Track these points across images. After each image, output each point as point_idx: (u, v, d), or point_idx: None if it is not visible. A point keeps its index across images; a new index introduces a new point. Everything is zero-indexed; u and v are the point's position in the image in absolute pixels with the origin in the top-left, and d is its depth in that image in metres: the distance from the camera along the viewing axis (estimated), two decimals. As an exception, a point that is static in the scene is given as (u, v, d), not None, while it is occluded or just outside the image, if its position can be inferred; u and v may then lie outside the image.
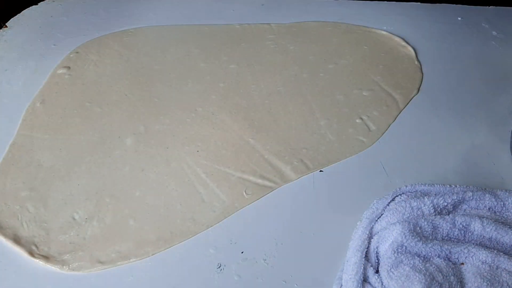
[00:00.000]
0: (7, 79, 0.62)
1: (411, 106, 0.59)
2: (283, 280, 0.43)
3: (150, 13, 0.72)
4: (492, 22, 0.70)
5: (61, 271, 0.44)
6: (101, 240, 0.46)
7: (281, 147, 0.54)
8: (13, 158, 0.53)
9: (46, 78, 0.61)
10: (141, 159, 0.53)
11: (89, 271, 0.44)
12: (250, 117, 0.57)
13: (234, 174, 0.52)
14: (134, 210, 0.49)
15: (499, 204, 0.45)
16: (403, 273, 0.40)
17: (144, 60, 0.65)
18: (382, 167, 0.52)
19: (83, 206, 0.49)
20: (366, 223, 0.44)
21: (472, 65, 0.64)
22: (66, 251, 0.45)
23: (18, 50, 0.66)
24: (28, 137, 0.55)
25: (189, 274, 0.44)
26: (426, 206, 0.44)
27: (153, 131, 0.55)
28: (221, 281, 0.43)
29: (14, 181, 0.51)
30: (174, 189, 0.50)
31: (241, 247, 0.46)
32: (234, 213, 0.48)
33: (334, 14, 0.72)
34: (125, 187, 0.50)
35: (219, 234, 0.47)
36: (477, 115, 0.58)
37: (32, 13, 0.71)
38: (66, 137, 0.55)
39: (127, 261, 0.45)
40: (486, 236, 0.43)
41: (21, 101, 0.59)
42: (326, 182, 0.51)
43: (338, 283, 0.42)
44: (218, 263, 0.45)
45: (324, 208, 0.49)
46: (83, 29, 0.69)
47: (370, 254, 0.43)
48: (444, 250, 0.42)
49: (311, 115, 0.58)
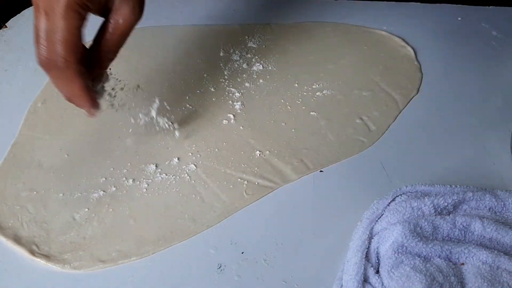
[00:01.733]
0: (7, 79, 0.62)
1: (411, 106, 0.59)
2: (283, 280, 0.43)
3: (149, 13, 0.71)
4: (492, 22, 0.70)
5: (62, 270, 0.44)
6: (102, 239, 0.46)
7: (281, 148, 0.54)
8: (14, 158, 0.53)
9: (47, 78, 0.61)
10: (141, 160, 0.53)
11: (91, 270, 0.44)
12: (250, 118, 0.57)
13: (234, 174, 0.52)
14: (134, 210, 0.49)
15: (499, 204, 0.45)
16: (404, 273, 0.40)
17: (144, 60, 0.65)
18: (382, 167, 0.52)
19: (83, 206, 0.49)
20: (366, 223, 0.44)
21: (472, 65, 0.64)
22: (67, 251, 0.45)
23: (18, 50, 0.65)
24: (30, 137, 0.55)
25: (189, 274, 0.44)
26: (426, 206, 0.44)
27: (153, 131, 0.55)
28: (221, 281, 0.43)
29: (15, 182, 0.51)
30: (174, 189, 0.50)
31: (242, 248, 0.46)
32: (235, 213, 0.49)
33: (334, 14, 0.72)
34: (127, 187, 0.50)
35: (219, 234, 0.47)
36: (477, 115, 0.58)
37: (32, 13, 0.71)
38: (67, 137, 0.55)
39: (127, 259, 0.45)
40: (487, 236, 0.43)
41: (22, 101, 0.59)
42: (326, 183, 0.51)
43: (339, 283, 0.42)
44: (218, 264, 0.45)
45: (324, 209, 0.49)
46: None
47: (370, 254, 0.43)
48: (444, 250, 0.42)
49: (311, 115, 0.58)
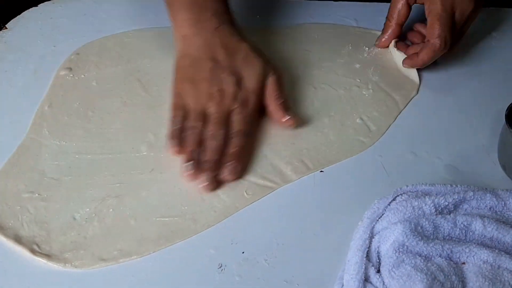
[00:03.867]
0: (7, 80, 0.62)
1: (411, 106, 0.59)
2: (284, 280, 0.43)
3: (151, 15, 0.72)
4: (491, 22, 0.70)
5: (64, 268, 0.44)
6: (103, 239, 0.46)
7: (281, 148, 0.54)
8: (18, 160, 0.53)
9: (50, 79, 0.61)
10: (148, 163, 0.53)
11: (92, 268, 0.44)
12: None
13: None
14: (135, 210, 0.49)
15: (500, 204, 0.45)
16: (405, 272, 0.40)
17: (145, 62, 0.65)
18: (383, 167, 0.52)
19: (84, 206, 0.49)
20: (367, 223, 0.44)
21: (472, 65, 0.64)
22: (68, 250, 0.45)
23: (18, 52, 0.65)
24: (36, 141, 0.55)
25: (190, 274, 0.44)
26: (427, 205, 0.44)
27: (161, 135, 0.55)
28: (222, 281, 0.43)
29: (16, 183, 0.51)
30: (177, 189, 0.50)
31: (242, 248, 0.46)
32: (235, 214, 0.49)
33: (334, 15, 0.72)
34: (130, 188, 0.51)
35: (220, 234, 0.47)
36: (477, 114, 0.58)
37: (32, 14, 0.71)
38: (71, 140, 0.55)
39: (128, 258, 0.45)
40: (488, 236, 0.43)
41: (22, 101, 0.59)
42: (327, 183, 0.51)
43: (339, 283, 0.42)
44: (219, 263, 0.45)
45: (325, 208, 0.49)
46: (83, 31, 0.69)
47: (371, 253, 0.43)
48: (445, 250, 0.42)
49: (311, 115, 0.58)
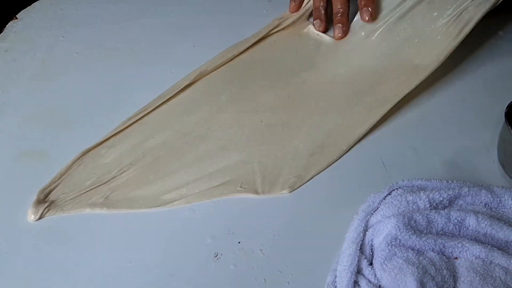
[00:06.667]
0: (16, 69, 0.63)
1: (410, 103, 0.59)
2: (278, 270, 0.44)
3: (159, 7, 0.73)
4: (498, 21, 0.69)
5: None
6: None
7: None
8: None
9: (54, 70, 0.63)
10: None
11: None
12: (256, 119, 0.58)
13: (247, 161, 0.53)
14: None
15: (495, 200, 0.45)
16: (396, 265, 0.40)
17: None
18: (382, 162, 0.53)
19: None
20: (362, 216, 0.45)
21: (473, 64, 0.64)
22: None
23: (27, 42, 0.67)
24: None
25: (186, 262, 0.45)
26: (421, 200, 0.44)
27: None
28: (217, 269, 0.44)
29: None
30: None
31: (239, 237, 0.47)
32: (233, 204, 0.49)
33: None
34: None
35: (217, 224, 0.48)
36: (478, 113, 0.58)
37: (42, 5, 0.72)
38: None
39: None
40: (481, 232, 0.43)
41: (29, 91, 0.60)
42: (325, 176, 0.52)
43: (333, 274, 0.43)
44: (215, 252, 0.45)
45: (322, 201, 0.50)
46: (92, 22, 0.70)
47: (364, 246, 0.43)
48: (438, 244, 0.42)
49: (311, 116, 0.58)
